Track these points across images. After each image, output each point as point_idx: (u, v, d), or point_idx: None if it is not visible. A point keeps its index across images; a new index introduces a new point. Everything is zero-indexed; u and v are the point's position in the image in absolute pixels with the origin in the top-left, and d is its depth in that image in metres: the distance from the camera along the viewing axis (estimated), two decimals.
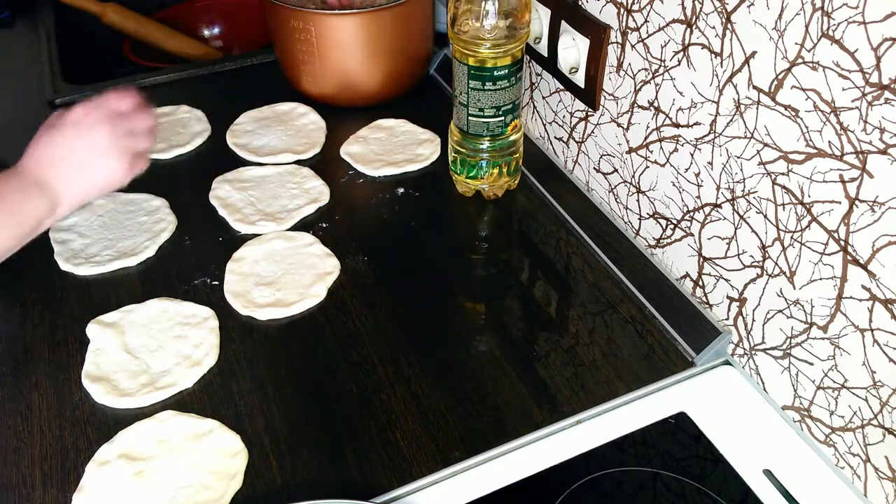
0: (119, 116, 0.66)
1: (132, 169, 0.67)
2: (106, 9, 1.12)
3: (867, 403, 0.53)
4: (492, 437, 0.60)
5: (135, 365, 0.65)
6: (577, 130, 0.81)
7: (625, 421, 0.61)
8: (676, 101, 0.64)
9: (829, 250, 0.53)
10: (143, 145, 0.68)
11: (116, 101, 0.67)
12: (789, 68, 0.52)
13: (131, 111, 0.67)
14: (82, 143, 0.63)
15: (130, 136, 0.66)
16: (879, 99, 0.46)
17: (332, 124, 0.93)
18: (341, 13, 0.87)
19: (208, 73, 1.04)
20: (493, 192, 0.82)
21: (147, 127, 0.69)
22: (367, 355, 0.66)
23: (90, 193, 0.65)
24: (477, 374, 0.64)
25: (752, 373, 0.64)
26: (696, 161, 0.64)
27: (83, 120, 0.64)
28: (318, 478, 0.57)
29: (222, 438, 0.59)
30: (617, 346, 0.67)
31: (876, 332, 0.51)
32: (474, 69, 0.72)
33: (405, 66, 0.95)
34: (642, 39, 0.66)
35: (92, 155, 0.63)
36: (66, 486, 0.57)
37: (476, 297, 0.72)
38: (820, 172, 0.52)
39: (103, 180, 0.65)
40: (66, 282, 0.73)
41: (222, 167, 0.86)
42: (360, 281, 0.73)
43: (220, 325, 0.68)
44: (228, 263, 0.74)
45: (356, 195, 0.84)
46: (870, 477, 0.55)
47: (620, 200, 0.76)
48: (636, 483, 0.57)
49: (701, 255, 0.66)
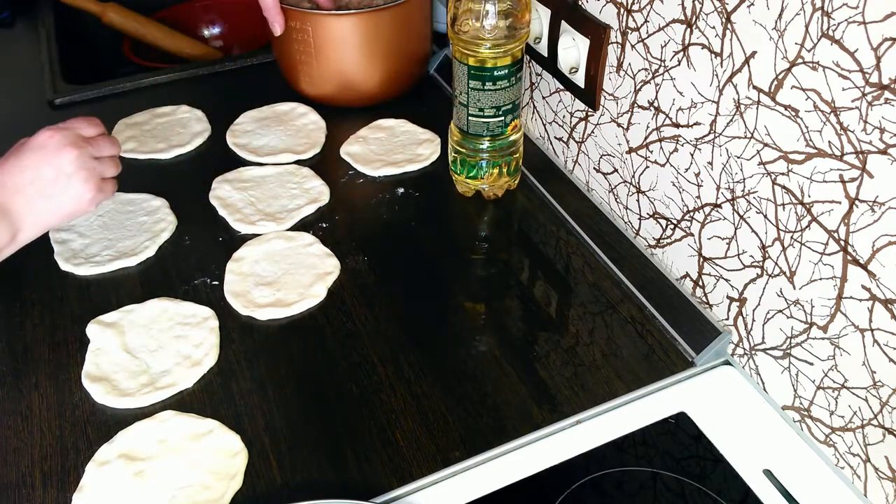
0: (85, 141, 0.65)
1: (99, 195, 0.66)
2: (106, 9, 1.12)
3: (867, 403, 0.53)
4: (492, 437, 0.60)
5: (135, 365, 0.65)
6: (577, 130, 0.81)
7: (625, 421, 0.61)
8: (676, 101, 0.64)
9: (829, 250, 0.53)
10: (110, 171, 0.67)
11: (83, 126, 0.66)
12: (789, 68, 0.52)
13: (97, 137, 0.67)
14: (49, 167, 0.62)
15: (97, 161, 0.65)
16: (879, 99, 0.46)
17: (332, 124, 0.93)
18: (339, 13, 0.87)
19: (208, 73, 1.04)
20: (493, 192, 0.82)
21: (113, 153, 0.68)
22: (367, 355, 0.66)
23: (54, 220, 0.64)
24: (477, 374, 0.64)
25: (752, 373, 0.64)
26: (696, 161, 0.64)
27: (48, 143, 0.63)
28: (318, 478, 0.57)
29: (222, 438, 0.59)
30: (617, 346, 0.67)
31: (876, 332, 0.51)
32: (474, 69, 0.72)
33: (403, 67, 0.95)
34: (642, 39, 0.66)
35: (58, 179, 0.63)
36: (66, 486, 0.57)
37: (476, 297, 0.72)
38: (820, 172, 0.52)
39: (69, 205, 0.64)
40: (66, 282, 0.73)
41: (222, 167, 0.86)
42: (360, 281, 0.73)
43: (220, 325, 0.68)
44: (228, 263, 0.74)
45: (356, 195, 0.84)
46: (870, 477, 0.55)
47: (620, 200, 0.76)
48: (636, 483, 0.57)
49: (701, 255, 0.67)
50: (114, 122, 0.93)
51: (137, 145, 0.90)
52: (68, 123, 0.66)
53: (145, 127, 0.93)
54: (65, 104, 0.98)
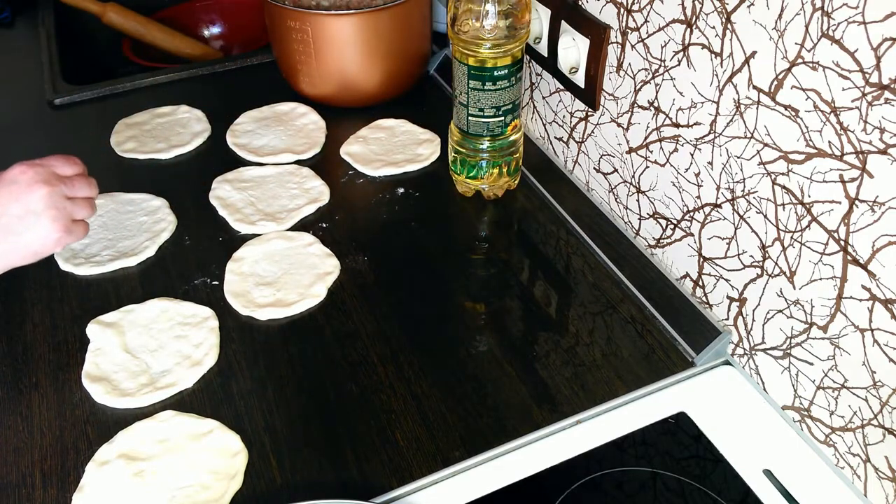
0: (60, 179, 0.63)
1: (66, 236, 0.63)
2: (106, 9, 1.13)
3: (867, 403, 0.53)
4: (492, 437, 0.60)
5: (135, 365, 0.65)
6: (577, 130, 0.81)
7: (625, 421, 0.61)
8: (676, 101, 0.64)
9: (829, 250, 0.53)
10: (81, 213, 0.65)
11: (60, 164, 0.64)
12: (789, 68, 0.52)
13: (74, 177, 0.65)
14: (17, 204, 0.60)
15: (69, 202, 0.63)
16: (879, 99, 0.46)
17: (331, 124, 0.93)
18: (338, 13, 0.86)
19: (208, 73, 1.04)
20: (493, 192, 0.82)
21: (88, 195, 0.66)
22: (367, 355, 0.66)
23: (16, 259, 0.62)
24: (477, 374, 0.64)
25: (752, 373, 0.64)
26: (696, 161, 0.64)
27: (20, 179, 0.61)
28: (318, 478, 0.57)
29: (222, 438, 0.59)
30: (617, 346, 0.67)
31: (876, 332, 0.51)
32: (474, 69, 0.72)
33: (403, 67, 0.95)
34: (642, 39, 0.66)
35: (26, 216, 0.60)
36: (66, 486, 0.57)
37: (476, 297, 0.72)
38: (820, 172, 0.52)
39: (34, 244, 0.62)
40: (66, 282, 0.73)
41: (222, 167, 0.86)
42: (360, 281, 0.73)
43: (220, 325, 0.68)
44: (228, 263, 0.74)
45: (356, 195, 0.84)
46: (870, 477, 0.55)
47: (620, 200, 0.76)
48: (636, 483, 0.57)
49: (701, 255, 0.66)
50: (114, 122, 0.93)
51: (137, 145, 0.90)
52: (45, 160, 0.64)
53: (145, 127, 0.93)
54: (65, 104, 0.98)
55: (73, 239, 0.64)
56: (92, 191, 0.66)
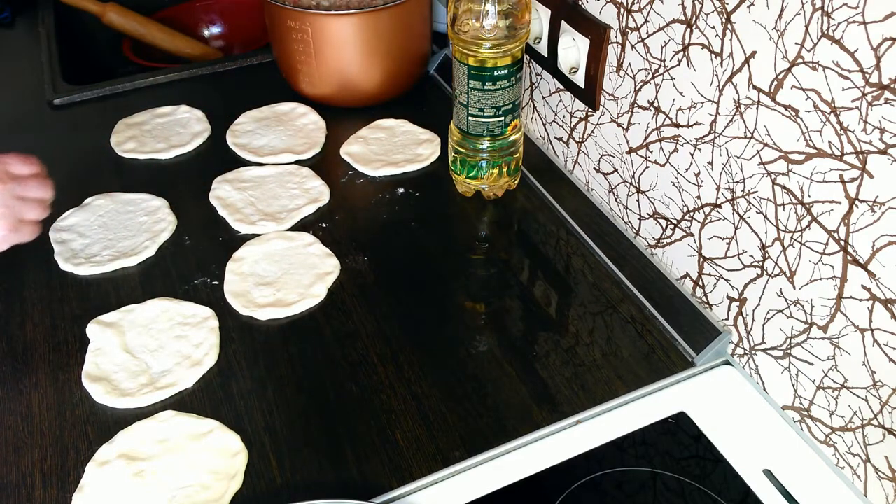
0: (12, 178, 0.62)
1: (11, 234, 0.62)
2: (106, 9, 1.13)
3: (867, 403, 0.53)
4: (492, 437, 0.60)
5: (135, 365, 0.65)
6: (577, 130, 0.81)
7: (625, 421, 0.61)
8: (676, 101, 0.64)
9: (829, 250, 0.53)
10: (31, 214, 0.64)
11: (15, 162, 0.64)
12: (789, 68, 0.52)
13: (29, 177, 0.64)
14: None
15: (19, 201, 0.62)
16: (879, 99, 0.46)
17: (331, 124, 0.93)
18: (338, 13, 0.86)
19: (208, 73, 1.04)
20: (493, 192, 0.82)
21: (41, 197, 0.65)
22: (367, 355, 0.66)
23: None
24: (477, 374, 0.64)
25: (752, 373, 0.64)
26: (696, 161, 0.64)
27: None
28: (318, 478, 0.57)
29: (222, 438, 0.59)
30: (617, 346, 0.67)
31: (876, 332, 0.51)
32: (474, 69, 0.72)
33: (403, 67, 0.95)
34: (642, 39, 0.66)
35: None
36: (66, 486, 0.57)
37: (476, 297, 0.72)
38: (820, 172, 0.52)
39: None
40: (66, 282, 0.73)
41: (222, 167, 0.86)
42: (360, 281, 0.73)
43: (220, 325, 0.68)
44: (228, 263, 0.74)
45: (356, 195, 0.84)
46: (870, 477, 0.55)
47: (620, 200, 0.76)
48: (636, 483, 0.57)
49: (701, 255, 0.66)
50: (114, 122, 0.93)
51: (137, 145, 0.90)
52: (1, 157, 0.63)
53: (145, 127, 0.93)
54: (65, 104, 0.98)
55: (20, 239, 0.63)
56: (45, 192, 0.66)
